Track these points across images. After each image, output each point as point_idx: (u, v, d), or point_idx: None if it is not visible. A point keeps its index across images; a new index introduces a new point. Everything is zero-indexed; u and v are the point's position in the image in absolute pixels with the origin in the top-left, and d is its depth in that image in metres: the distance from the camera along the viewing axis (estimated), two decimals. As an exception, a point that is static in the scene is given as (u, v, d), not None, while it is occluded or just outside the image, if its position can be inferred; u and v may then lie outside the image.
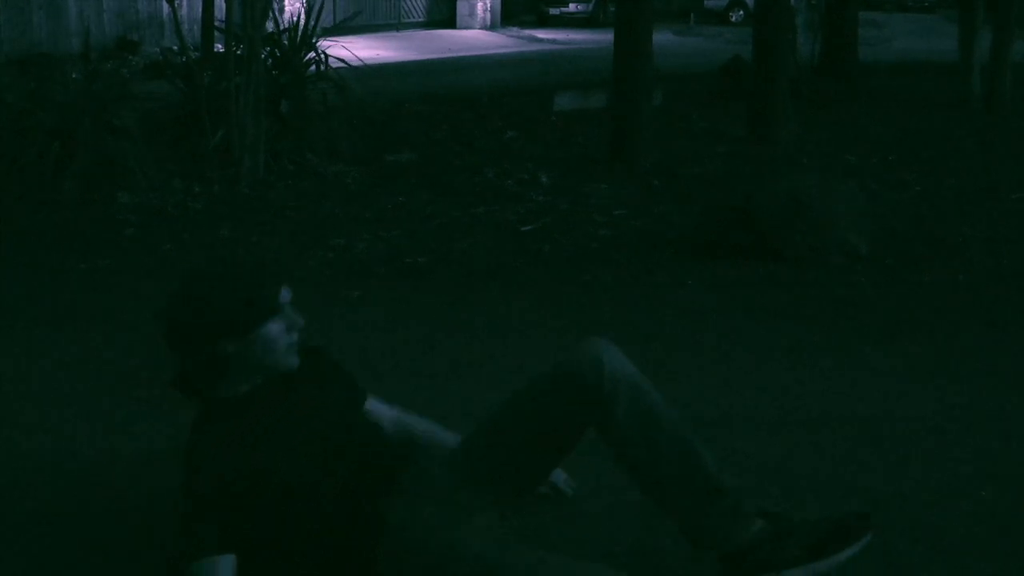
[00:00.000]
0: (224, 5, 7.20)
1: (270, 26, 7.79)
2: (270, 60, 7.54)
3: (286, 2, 17.74)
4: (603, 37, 15.60)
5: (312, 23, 7.91)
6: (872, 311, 4.46)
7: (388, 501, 2.18)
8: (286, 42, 7.78)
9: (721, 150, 8.26)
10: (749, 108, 8.84)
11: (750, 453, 3.00)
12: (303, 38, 7.80)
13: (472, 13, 23.76)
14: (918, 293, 4.71)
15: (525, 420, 2.28)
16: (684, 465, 2.22)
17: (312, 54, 7.81)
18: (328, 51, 7.90)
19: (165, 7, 16.16)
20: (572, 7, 26.53)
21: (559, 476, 2.64)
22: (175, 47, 8.71)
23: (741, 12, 26.77)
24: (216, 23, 8.59)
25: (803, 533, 2.21)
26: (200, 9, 9.91)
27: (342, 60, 8.00)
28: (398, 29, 21.47)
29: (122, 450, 3.15)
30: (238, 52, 7.04)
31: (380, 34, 19.79)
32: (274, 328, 2.23)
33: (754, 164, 7.67)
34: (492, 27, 23.86)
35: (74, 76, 7.24)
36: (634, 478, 2.28)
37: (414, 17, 22.81)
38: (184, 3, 16.23)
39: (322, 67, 7.81)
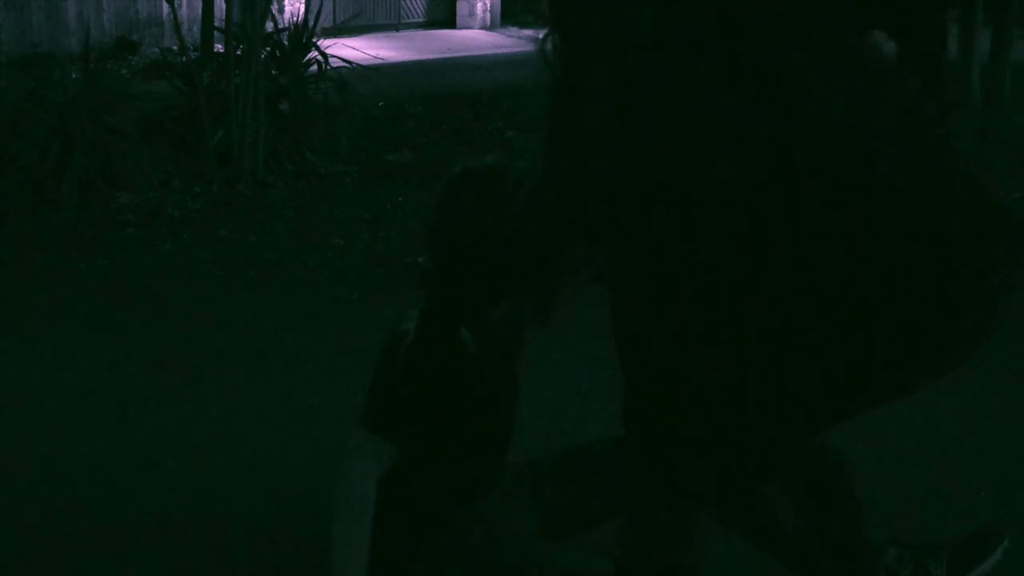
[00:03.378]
0: (224, 5, 7.20)
1: (270, 26, 7.78)
2: (270, 60, 7.54)
3: (286, 2, 17.74)
4: (603, 37, 15.53)
5: (312, 23, 7.91)
6: (872, 311, 4.45)
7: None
8: (286, 42, 7.78)
9: (721, 150, 8.24)
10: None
11: (750, 453, 2.99)
12: (303, 38, 7.80)
13: (472, 13, 23.76)
14: (918, 293, 4.70)
15: (605, 475, 2.26)
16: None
17: (312, 54, 7.81)
18: (328, 51, 7.89)
19: (165, 7, 16.15)
20: (572, 7, 26.47)
21: None
22: (175, 47, 8.71)
23: (741, 12, 26.73)
24: (216, 23, 8.59)
25: (939, 553, 2.21)
26: (200, 9, 9.91)
27: (342, 60, 8.00)
28: (398, 29, 21.47)
29: (122, 450, 3.15)
30: (238, 52, 7.04)
31: (380, 34, 19.79)
32: None
33: (754, 164, 7.65)
34: (492, 27, 23.85)
35: (74, 76, 7.24)
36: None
37: (414, 17, 22.81)
38: (184, 3, 16.24)
39: (322, 67, 7.81)
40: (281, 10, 15.89)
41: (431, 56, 17.03)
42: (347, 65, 7.99)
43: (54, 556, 2.59)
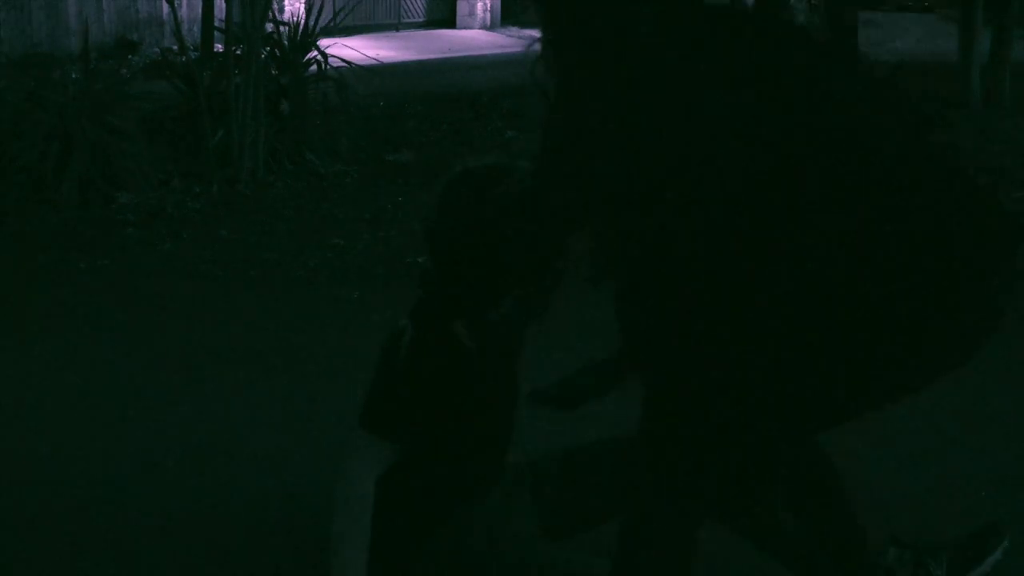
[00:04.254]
0: (224, 5, 7.20)
1: (270, 26, 7.78)
2: (270, 60, 7.54)
3: (286, 2, 17.74)
4: (603, 37, 15.49)
5: (312, 23, 7.91)
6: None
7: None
8: (286, 42, 7.78)
9: (721, 150, 8.23)
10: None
11: (750, 453, 2.99)
12: (303, 38, 7.79)
13: (472, 13, 23.76)
14: (918, 293, 4.70)
15: (605, 475, 2.26)
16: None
17: (312, 54, 7.81)
18: (328, 51, 7.89)
19: (165, 7, 16.14)
20: (572, 7, 26.42)
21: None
22: (175, 47, 8.71)
23: (741, 12, 26.70)
24: (216, 23, 8.59)
25: (939, 553, 2.21)
26: (200, 9, 9.90)
27: (342, 60, 8.00)
28: (398, 29, 21.47)
29: (122, 450, 3.15)
30: (238, 52, 7.03)
31: (380, 34, 19.78)
32: None
33: (754, 164, 7.64)
34: (492, 27, 23.85)
35: (74, 76, 7.24)
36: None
37: (414, 17, 22.80)
38: (184, 3, 16.23)
39: (322, 67, 7.81)
40: (281, 10, 15.88)
41: (431, 56, 17.02)
42: (347, 65, 7.99)
43: (54, 556, 2.59)
